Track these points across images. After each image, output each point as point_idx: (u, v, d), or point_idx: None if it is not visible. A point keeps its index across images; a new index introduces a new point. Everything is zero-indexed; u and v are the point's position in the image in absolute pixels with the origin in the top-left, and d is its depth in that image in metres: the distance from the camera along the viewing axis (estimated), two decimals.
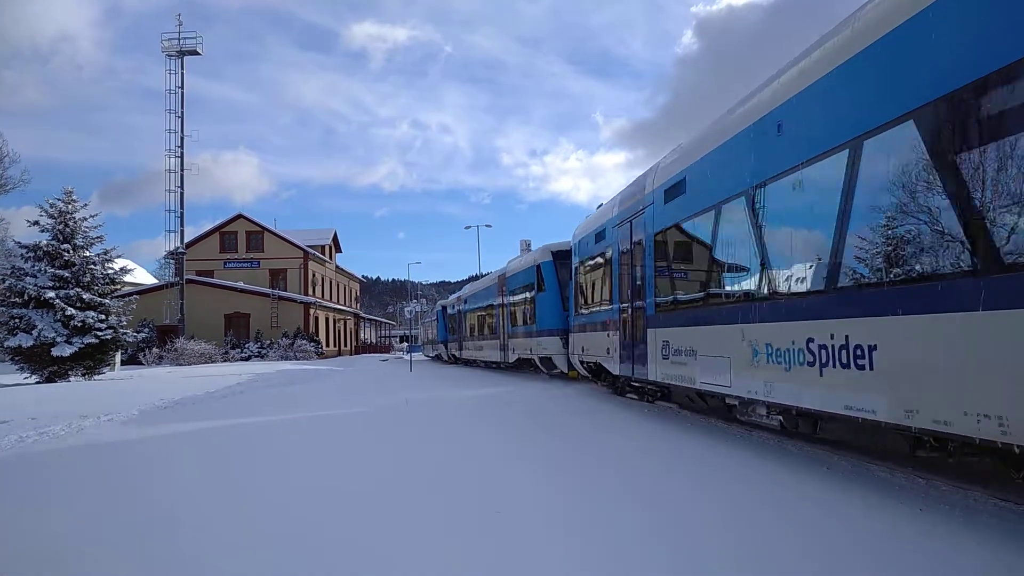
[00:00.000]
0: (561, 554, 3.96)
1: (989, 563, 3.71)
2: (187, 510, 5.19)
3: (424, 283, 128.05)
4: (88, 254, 25.37)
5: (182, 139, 42.11)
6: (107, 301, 25.13)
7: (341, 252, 68.14)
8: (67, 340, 23.31)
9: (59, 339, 23.17)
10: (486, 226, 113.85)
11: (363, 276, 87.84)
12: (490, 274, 26.48)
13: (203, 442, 8.69)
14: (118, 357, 28.89)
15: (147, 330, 39.73)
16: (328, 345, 52.70)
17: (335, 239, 65.13)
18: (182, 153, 42.08)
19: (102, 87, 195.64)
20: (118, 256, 26.88)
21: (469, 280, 41.90)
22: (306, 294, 52.01)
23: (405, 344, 70.81)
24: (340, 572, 3.74)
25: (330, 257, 62.41)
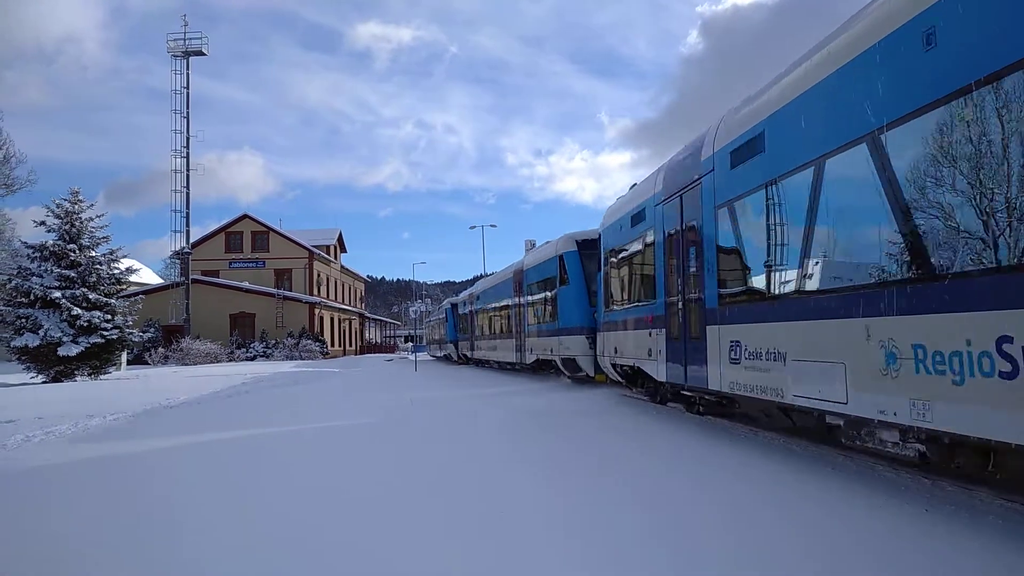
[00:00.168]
0: None
1: (990, 563, 3.68)
2: (188, 509, 5.20)
3: (429, 283, 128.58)
4: (94, 254, 25.51)
5: (188, 139, 42.33)
6: (113, 301, 25.26)
7: (346, 252, 68.28)
8: (73, 340, 23.43)
9: (65, 339, 23.28)
10: (491, 226, 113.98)
11: (368, 276, 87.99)
12: (505, 268, 24.22)
13: (207, 451, 8.70)
14: (124, 357, 29.00)
15: (153, 330, 39.88)
16: (333, 345, 52.78)
17: (340, 239, 65.24)
18: (188, 153, 42.28)
19: (107, 87, 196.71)
20: (124, 256, 27.06)
21: (474, 280, 41.11)
22: (311, 294, 52.10)
23: (410, 344, 70.88)
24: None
25: (335, 257, 62.51)
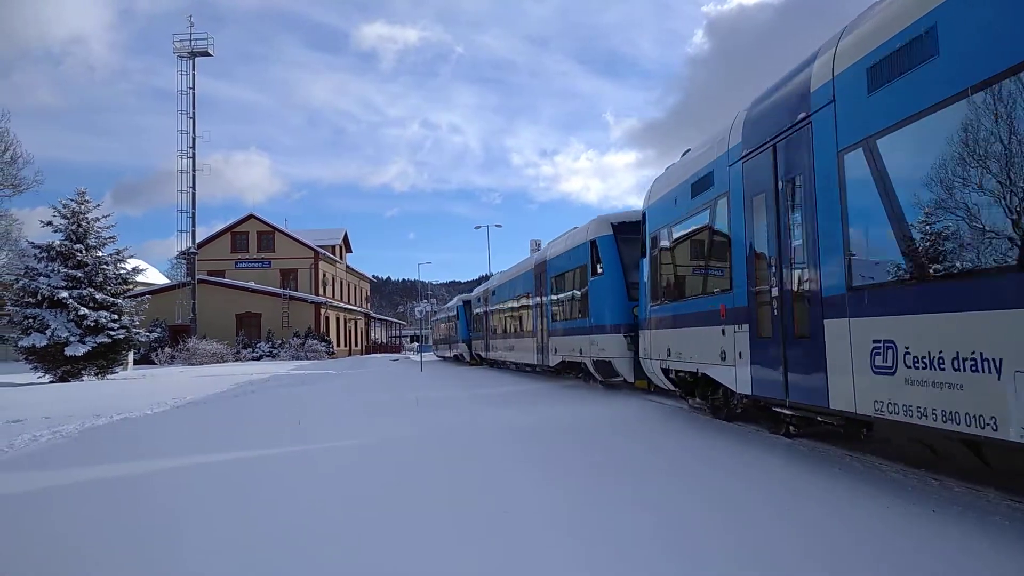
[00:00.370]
0: None
1: (998, 564, 3.65)
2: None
3: (434, 283, 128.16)
4: (101, 254, 25.64)
5: (194, 140, 42.51)
6: (120, 301, 25.37)
7: (352, 252, 68.50)
8: (80, 340, 23.54)
9: (72, 339, 23.39)
10: (496, 226, 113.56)
11: (373, 276, 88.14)
12: (525, 259, 22.11)
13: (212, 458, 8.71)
14: (131, 357, 29.13)
15: (159, 330, 40.03)
16: (339, 345, 52.87)
17: (345, 239, 65.38)
18: (194, 154, 42.48)
19: (114, 88, 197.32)
20: (130, 256, 27.20)
21: (480, 281, 40.72)
22: (317, 294, 52.22)
23: (416, 344, 71.00)
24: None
25: (341, 257, 62.64)
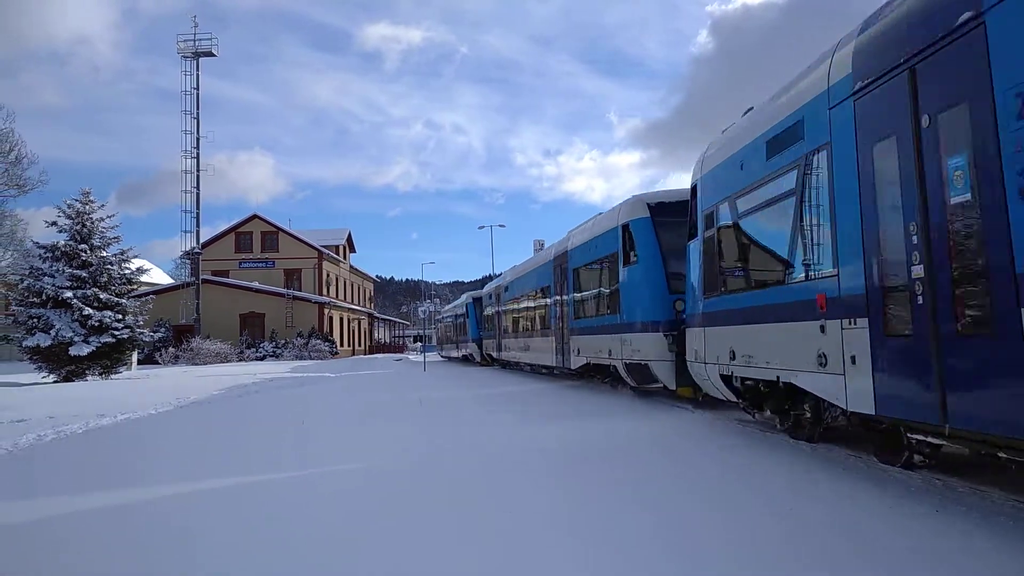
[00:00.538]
0: None
1: (1000, 565, 3.64)
2: None
3: (437, 283, 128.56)
4: (105, 254, 25.71)
5: (198, 140, 42.61)
6: (124, 301, 25.44)
7: (355, 252, 68.47)
8: (84, 340, 23.59)
9: (76, 339, 23.44)
10: (499, 226, 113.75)
11: (377, 276, 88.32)
12: (543, 250, 20.00)
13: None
14: (135, 356, 29.19)
15: (163, 330, 40.11)
16: (342, 345, 52.93)
17: (349, 239, 65.43)
18: (198, 154, 42.56)
19: (119, 89, 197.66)
20: (134, 256, 27.25)
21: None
22: (320, 294, 52.29)
23: (419, 344, 71.01)
24: None
25: (344, 257, 62.70)
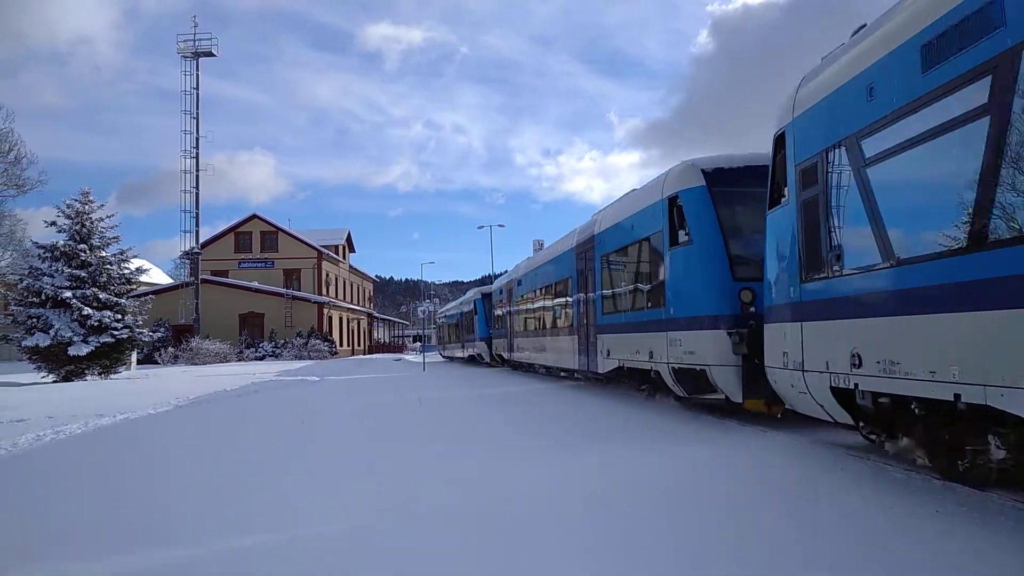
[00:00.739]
0: None
1: (996, 564, 3.63)
2: None
3: (437, 283, 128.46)
4: (104, 254, 25.71)
5: (197, 140, 42.63)
6: (123, 301, 25.44)
7: (355, 252, 68.50)
8: (84, 339, 23.58)
9: (76, 338, 23.43)
10: (499, 226, 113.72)
11: (376, 276, 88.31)
12: (563, 236, 17.69)
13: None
14: (134, 356, 29.16)
15: (162, 330, 40.08)
16: (342, 345, 52.93)
17: (349, 239, 65.44)
18: (197, 154, 42.58)
19: (119, 88, 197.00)
20: (134, 256, 27.28)
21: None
22: (320, 294, 52.28)
23: (419, 344, 70.98)
24: None
25: (344, 257, 62.70)
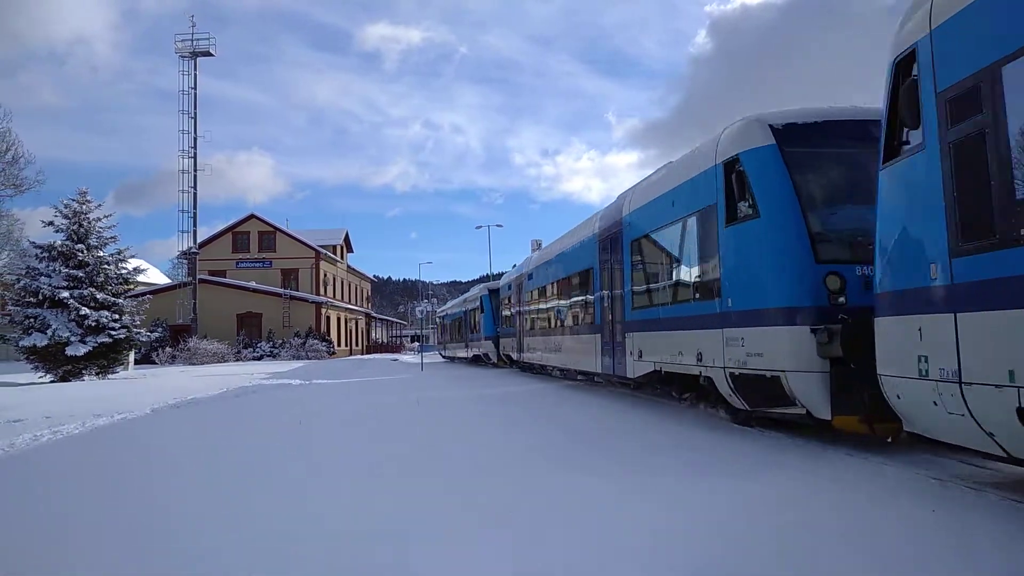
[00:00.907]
0: None
1: (994, 563, 3.64)
2: None
3: (435, 283, 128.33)
4: (102, 254, 25.63)
5: (195, 140, 42.53)
6: (120, 301, 25.36)
7: (353, 252, 68.43)
8: (81, 339, 23.52)
9: (73, 338, 23.37)
10: (497, 226, 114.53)
11: (374, 276, 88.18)
12: (586, 220, 15.55)
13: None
14: (131, 356, 29.12)
15: (160, 330, 39.99)
16: (339, 345, 52.87)
17: (347, 239, 65.39)
18: (195, 154, 42.49)
19: (118, 88, 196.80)
20: (132, 256, 27.18)
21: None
22: (318, 294, 52.22)
23: (416, 344, 70.93)
24: None
25: (341, 257, 62.64)
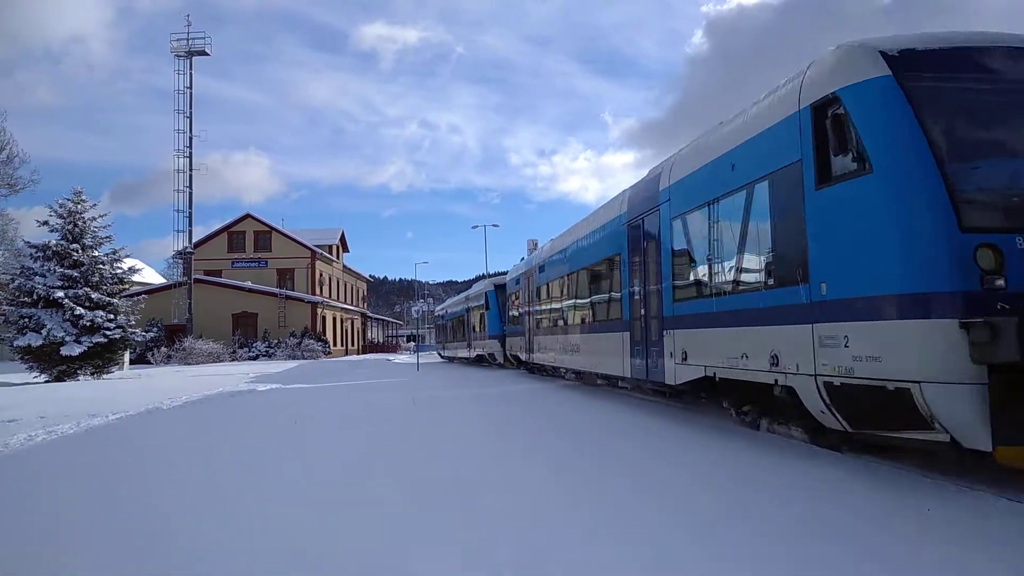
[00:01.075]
0: None
1: (990, 562, 3.65)
2: None
3: (431, 283, 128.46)
4: (97, 254, 25.56)
5: (191, 139, 42.47)
6: (116, 300, 25.30)
7: (348, 252, 68.35)
8: (76, 339, 23.46)
9: (68, 338, 23.30)
10: (493, 226, 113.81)
11: (370, 276, 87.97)
12: (607, 202, 13.76)
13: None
14: (126, 356, 29.04)
15: (155, 329, 39.90)
16: (335, 344, 52.83)
17: (342, 239, 65.31)
18: (190, 153, 42.44)
19: (114, 87, 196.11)
20: (127, 256, 27.16)
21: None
22: (313, 294, 52.16)
23: (412, 344, 70.85)
24: None
25: (337, 257, 62.58)
